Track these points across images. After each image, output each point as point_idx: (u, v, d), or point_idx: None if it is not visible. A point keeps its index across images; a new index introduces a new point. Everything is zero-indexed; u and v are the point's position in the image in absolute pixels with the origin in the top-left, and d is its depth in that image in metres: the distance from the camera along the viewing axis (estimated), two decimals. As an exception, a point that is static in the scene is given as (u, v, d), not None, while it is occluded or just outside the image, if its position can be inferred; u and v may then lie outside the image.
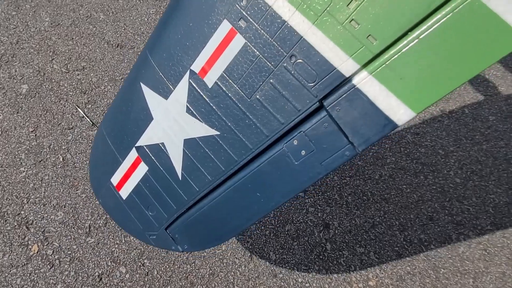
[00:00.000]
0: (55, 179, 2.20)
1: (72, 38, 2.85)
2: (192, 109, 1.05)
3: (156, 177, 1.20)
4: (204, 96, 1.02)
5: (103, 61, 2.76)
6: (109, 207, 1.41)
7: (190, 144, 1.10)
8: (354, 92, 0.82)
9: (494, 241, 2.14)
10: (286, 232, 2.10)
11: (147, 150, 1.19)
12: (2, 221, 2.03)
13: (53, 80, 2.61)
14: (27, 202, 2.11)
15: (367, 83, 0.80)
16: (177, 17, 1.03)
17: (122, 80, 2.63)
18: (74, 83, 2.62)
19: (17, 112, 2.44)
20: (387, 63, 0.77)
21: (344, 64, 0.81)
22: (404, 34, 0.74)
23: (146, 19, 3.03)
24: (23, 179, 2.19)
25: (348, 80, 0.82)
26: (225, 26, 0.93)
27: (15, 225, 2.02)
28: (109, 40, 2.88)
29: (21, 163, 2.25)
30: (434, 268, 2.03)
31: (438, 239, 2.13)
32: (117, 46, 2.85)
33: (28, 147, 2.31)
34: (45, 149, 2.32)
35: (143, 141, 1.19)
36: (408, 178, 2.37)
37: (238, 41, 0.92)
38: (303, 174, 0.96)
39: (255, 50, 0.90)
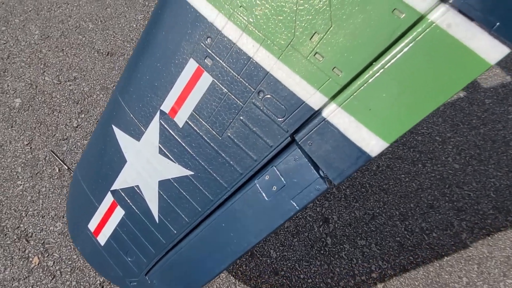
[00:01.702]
0: (52, 190, 2.20)
1: (63, 50, 2.85)
2: (164, 150, 1.04)
3: (133, 221, 1.18)
4: (176, 136, 1.01)
5: (94, 70, 2.76)
6: (88, 254, 1.37)
7: (165, 185, 1.08)
8: (324, 125, 0.81)
9: (497, 225, 2.11)
10: (286, 229, 2.08)
11: (122, 193, 1.17)
12: (1, 235, 2.03)
13: (46, 92, 2.62)
14: (26, 215, 2.11)
15: (336, 115, 0.79)
16: (145, 58, 1.02)
17: (114, 87, 2.63)
18: (66, 94, 2.62)
19: (12, 127, 2.45)
20: (354, 94, 0.75)
21: (312, 97, 0.80)
22: (369, 65, 0.73)
23: (134, 25, 3.03)
24: (21, 192, 2.19)
25: (317, 113, 0.81)
26: (191, 65, 0.92)
27: (15, 239, 2.03)
28: (99, 49, 2.88)
29: (17, 176, 2.25)
30: (437, 256, 2.01)
31: (440, 227, 2.11)
32: (107, 54, 2.85)
33: (24, 160, 2.32)
34: (40, 161, 2.32)
35: (118, 184, 1.17)
36: (406, 167, 2.35)
37: (206, 80, 0.91)
38: (274, 212, 0.93)
39: (223, 88, 0.90)
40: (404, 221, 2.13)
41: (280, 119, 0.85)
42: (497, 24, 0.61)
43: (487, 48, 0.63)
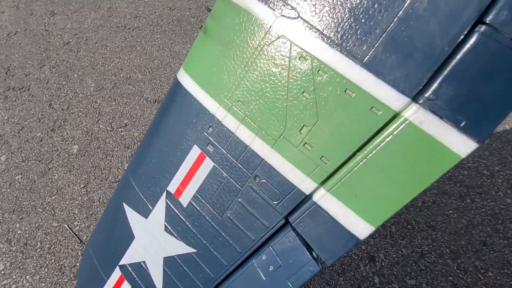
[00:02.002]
0: (105, 230, 2.33)
1: (115, 99, 3.11)
2: (170, 228, 1.11)
3: None
4: (180, 215, 1.08)
5: (143, 116, 2.97)
6: None
7: (169, 262, 1.14)
8: (315, 209, 0.86)
9: (560, 263, 1.97)
10: (331, 268, 2.06)
11: (129, 268, 1.24)
12: (59, 273, 2.15)
13: (100, 139, 2.84)
14: (82, 254, 2.24)
15: (326, 200, 0.84)
16: (155, 143, 1.12)
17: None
18: (118, 140, 2.83)
19: (70, 171, 2.66)
20: (341, 181, 0.81)
21: (303, 182, 0.86)
22: (353, 155, 0.79)
23: (179, 74, 3.27)
24: (77, 232, 2.34)
25: (309, 197, 0.87)
26: (195, 151, 1.01)
27: (72, 277, 2.14)
28: (148, 97, 3.12)
29: (74, 217, 2.41)
30: (496, 297, 1.89)
31: (496, 265, 2.00)
32: (155, 102, 3.07)
33: (80, 202, 2.49)
34: (95, 203, 2.48)
35: (126, 259, 1.24)
36: (454, 202, 2.28)
37: (207, 164, 1.00)
38: None
39: (223, 172, 0.97)
40: (456, 260, 2.04)
41: (275, 202, 0.91)
42: (464, 122, 0.67)
43: (457, 143, 0.69)
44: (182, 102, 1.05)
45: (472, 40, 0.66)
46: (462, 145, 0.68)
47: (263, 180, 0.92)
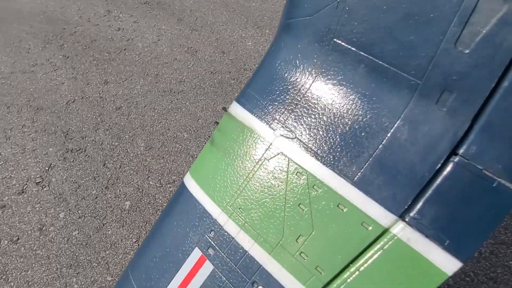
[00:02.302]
0: (156, 285, 2.37)
1: (163, 157, 3.30)
2: None
3: None
4: None
5: (190, 172, 3.12)
6: None
7: None
8: None
9: None
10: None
11: None
12: (113, 329, 2.18)
13: (150, 195, 2.98)
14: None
15: None
16: (157, 242, 1.15)
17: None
18: (167, 195, 2.96)
19: (123, 226, 2.78)
20: None
21: None
22: (347, 266, 0.83)
23: (222, 132, 3.45)
24: None
25: None
26: (196, 253, 1.04)
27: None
28: (193, 154, 3.29)
29: (127, 272, 2.48)
30: None
31: None
32: (201, 158, 3.24)
33: (132, 257, 2.56)
34: (146, 257, 2.55)
35: None
36: (513, 252, 2.19)
37: (207, 267, 1.02)
38: None
39: (222, 276, 1.00)
40: (524, 315, 1.92)
41: None
42: (448, 241, 0.73)
43: (442, 261, 0.73)
44: (187, 205, 1.09)
45: (448, 169, 0.74)
46: (447, 263, 0.72)
47: (260, 286, 0.93)
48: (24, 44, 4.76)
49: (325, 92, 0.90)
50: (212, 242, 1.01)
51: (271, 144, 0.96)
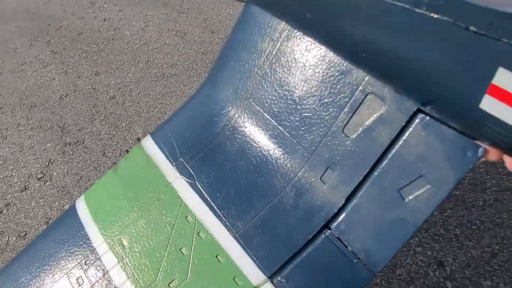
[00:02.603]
0: None
1: (162, 141, 3.29)
2: None
3: None
4: None
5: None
6: None
7: None
8: None
9: None
10: (398, 277, 1.99)
11: None
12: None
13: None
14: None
15: None
16: (28, 264, 1.03)
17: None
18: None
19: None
20: None
21: None
22: None
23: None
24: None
25: None
26: (63, 283, 0.96)
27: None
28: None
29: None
30: None
31: None
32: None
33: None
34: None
35: None
36: (517, 197, 2.19)
37: None
38: None
39: None
40: (532, 256, 1.93)
41: None
42: None
43: None
44: (70, 227, 1.03)
45: (319, 240, 0.78)
46: None
47: None
48: (11, 43, 4.71)
49: (232, 144, 0.96)
50: (83, 274, 0.95)
51: (170, 183, 0.97)
